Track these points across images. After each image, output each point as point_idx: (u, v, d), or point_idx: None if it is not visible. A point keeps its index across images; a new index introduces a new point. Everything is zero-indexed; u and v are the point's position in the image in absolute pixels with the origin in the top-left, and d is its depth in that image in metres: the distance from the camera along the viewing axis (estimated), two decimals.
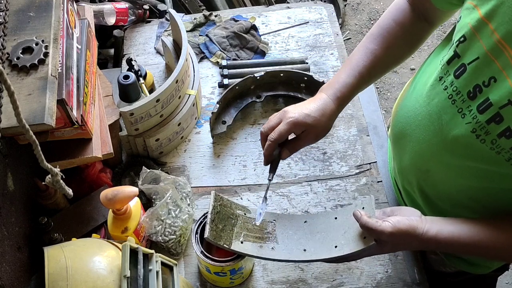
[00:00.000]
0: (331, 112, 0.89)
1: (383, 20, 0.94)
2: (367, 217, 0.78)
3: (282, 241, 0.90)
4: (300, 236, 0.91)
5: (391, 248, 0.82)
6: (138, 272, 0.69)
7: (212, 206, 0.88)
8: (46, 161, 0.70)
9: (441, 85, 0.79)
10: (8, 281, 0.78)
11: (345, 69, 0.92)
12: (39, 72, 0.75)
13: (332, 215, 0.92)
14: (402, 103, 0.95)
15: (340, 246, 0.85)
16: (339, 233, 0.88)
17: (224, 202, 0.91)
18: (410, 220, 0.78)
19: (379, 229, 0.76)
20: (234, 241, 0.87)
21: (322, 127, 0.89)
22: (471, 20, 0.72)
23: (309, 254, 0.87)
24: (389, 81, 2.67)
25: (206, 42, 1.36)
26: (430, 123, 0.82)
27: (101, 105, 1.00)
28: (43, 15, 0.80)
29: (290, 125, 0.86)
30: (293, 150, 0.90)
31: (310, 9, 1.46)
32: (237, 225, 0.90)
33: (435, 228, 0.78)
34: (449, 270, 1.04)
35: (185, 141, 1.19)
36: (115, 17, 1.30)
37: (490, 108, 0.70)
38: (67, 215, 0.99)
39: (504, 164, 0.72)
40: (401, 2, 0.93)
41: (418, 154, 0.88)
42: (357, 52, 0.93)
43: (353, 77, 0.90)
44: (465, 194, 0.83)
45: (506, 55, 0.67)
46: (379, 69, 0.93)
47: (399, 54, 0.95)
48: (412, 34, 0.93)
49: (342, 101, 0.90)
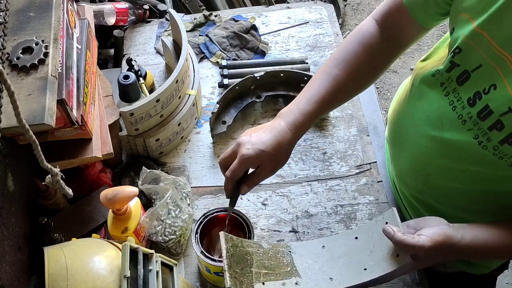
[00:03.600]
0: (288, 142, 0.84)
1: (349, 43, 0.89)
2: (401, 234, 0.73)
3: (304, 273, 0.83)
4: (322, 264, 0.84)
5: (425, 262, 0.77)
6: (138, 272, 0.69)
7: (225, 250, 0.79)
8: (46, 161, 0.70)
9: (443, 91, 0.79)
10: (8, 281, 0.78)
11: (306, 94, 0.87)
12: (39, 72, 0.74)
13: (351, 235, 0.85)
14: (399, 108, 0.94)
15: (370, 268, 0.79)
16: (365, 253, 0.81)
17: (235, 242, 0.83)
18: (443, 229, 0.74)
19: (417, 244, 0.71)
20: (255, 284, 0.79)
21: (278, 160, 0.84)
22: (465, 32, 0.71)
23: (337, 283, 0.80)
24: (389, 81, 2.67)
25: (206, 42, 1.36)
26: (430, 129, 0.82)
27: (101, 105, 1.00)
28: (43, 15, 0.80)
29: (243, 163, 0.81)
30: (252, 185, 0.85)
31: (310, 9, 1.46)
32: (254, 264, 0.82)
33: (468, 234, 0.74)
34: (448, 271, 1.04)
35: (185, 141, 1.19)
36: (115, 17, 1.30)
37: (491, 116, 0.70)
38: (67, 215, 0.99)
39: (506, 169, 0.72)
40: (367, 25, 0.90)
41: (418, 158, 0.87)
42: (320, 77, 0.88)
43: (314, 104, 0.85)
44: (466, 197, 0.83)
45: (507, 62, 0.67)
46: (342, 95, 0.89)
47: (364, 80, 0.91)
48: (380, 57, 0.89)
49: (300, 129, 0.85)
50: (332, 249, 0.86)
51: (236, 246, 0.82)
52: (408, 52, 2.76)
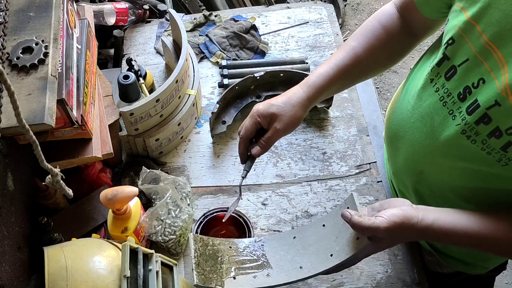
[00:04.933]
0: (298, 100, 0.87)
1: (369, 22, 0.92)
2: (357, 217, 0.74)
3: (275, 264, 0.86)
4: (293, 254, 0.86)
5: (388, 243, 0.77)
6: (138, 272, 0.69)
7: (193, 250, 0.83)
8: (46, 161, 0.70)
9: (433, 87, 0.79)
10: (8, 281, 0.78)
11: (324, 63, 0.91)
12: (39, 72, 0.75)
13: (319, 223, 0.88)
14: (395, 106, 0.95)
15: (336, 254, 0.81)
16: (331, 240, 0.83)
17: (205, 242, 0.87)
18: (403, 210, 0.74)
19: (373, 226, 0.72)
20: (225, 279, 0.83)
21: (288, 115, 0.86)
22: (459, 22, 0.72)
23: (306, 271, 0.83)
24: (389, 81, 2.67)
25: (206, 42, 1.36)
26: (422, 125, 0.82)
27: (101, 105, 1.00)
28: (43, 15, 0.80)
29: (253, 117, 0.86)
30: (265, 145, 0.88)
31: (310, 9, 1.46)
32: (225, 261, 0.85)
33: (431, 216, 0.74)
34: (445, 271, 1.04)
35: (185, 141, 1.19)
36: (115, 17, 1.30)
37: (478, 110, 0.70)
38: (67, 215, 0.99)
39: (495, 165, 0.72)
40: (389, 7, 0.92)
41: (411, 156, 0.87)
42: (339, 51, 0.92)
43: (329, 68, 0.89)
44: (459, 195, 0.83)
45: (494, 56, 0.67)
46: (357, 68, 0.91)
47: (380, 58, 0.93)
48: (397, 41, 0.91)
49: (313, 89, 0.87)
50: (303, 239, 0.88)
51: (206, 245, 0.86)
52: None
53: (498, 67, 0.67)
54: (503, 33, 0.66)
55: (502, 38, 0.66)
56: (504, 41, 0.66)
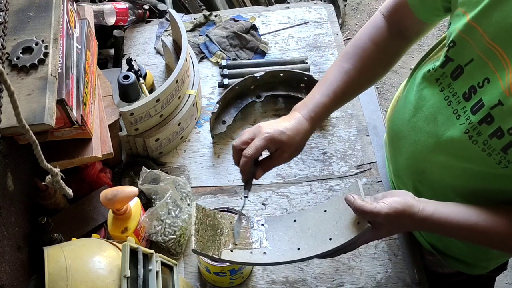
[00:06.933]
0: (305, 132, 0.87)
1: (359, 39, 0.92)
2: (360, 200, 0.75)
3: (273, 244, 0.87)
4: (291, 235, 0.87)
5: (387, 230, 0.78)
6: (138, 272, 0.69)
7: (194, 217, 0.84)
8: (46, 161, 0.70)
9: (438, 87, 0.79)
10: (8, 281, 0.78)
11: (319, 88, 0.91)
12: (39, 72, 0.74)
13: (321, 208, 0.89)
14: (396, 106, 0.95)
15: (335, 238, 0.81)
16: (331, 224, 0.84)
17: (207, 212, 0.87)
18: (405, 199, 0.75)
19: (374, 210, 0.72)
20: (223, 250, 0.83)
21: (296, 146, 0.87)
22: (459, 25, 0.73)
23: (303, 252, 0.83)
24: (389, 81, 2.67)
25: (206, 42, 1.36)
26: (425, 124, 0.83)
27: (101, 105, 1.00)
28: (43, 15, 0.80)
29: (266, 140, 0.83)
30: (266, 169, 0.88)
31: (310, 9, 1.46)
32: (224, 234, 0.86)
33: (431, 207, 0.75)
34: (446, 271, 1.04)
35: (185, 141, 1.19)
36: (115, 17, 1.30)
37: (482, 109, 0.71)
38: (67, 215, 0.99)
39: (495, 167, 0.73)
40: (377, 19, 0.92)
41: (413, 155, 0.88)
42: (332, 71, 0.92)
43: (327, 97, 0.89)
44: (460, 194, 0.83)
45: (498, 56, 0.68)
46: (353, 89, 0.92)
47: (373, 75, 0.94)
48: (388, 52, 0.92)
49: (315, 121, 0.89)
50: (303, 222, 0.89)
51: (208, 216, 0.87)
52: (408, 52, 2.74)
53: (503, 67, 0.67)
54: (504, 33, 0.66)
55: (504, 39, 0.67)
56: (507, 41, 0.67)
